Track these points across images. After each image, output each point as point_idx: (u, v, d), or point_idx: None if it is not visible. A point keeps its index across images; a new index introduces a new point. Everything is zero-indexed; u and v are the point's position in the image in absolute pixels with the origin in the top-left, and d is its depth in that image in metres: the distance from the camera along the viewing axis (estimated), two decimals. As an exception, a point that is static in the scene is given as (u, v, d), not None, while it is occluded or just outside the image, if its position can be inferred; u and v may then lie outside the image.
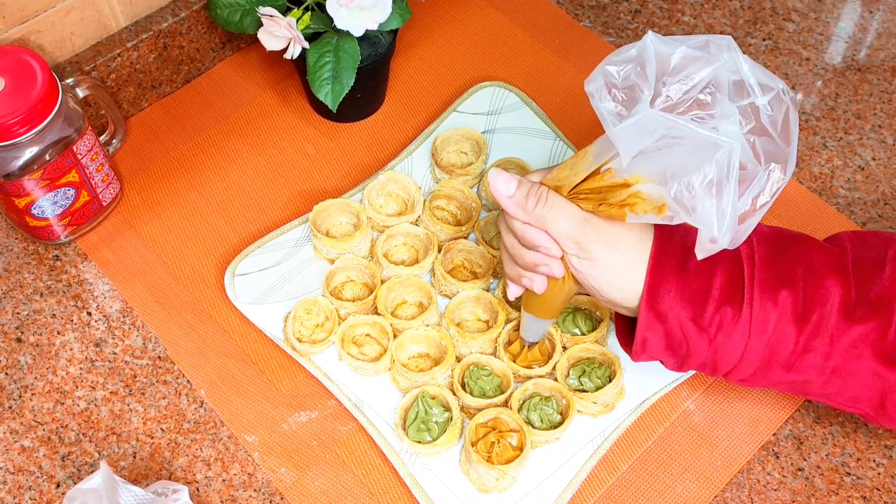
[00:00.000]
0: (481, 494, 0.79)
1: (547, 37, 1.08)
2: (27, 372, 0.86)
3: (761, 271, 0.71)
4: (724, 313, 0.70)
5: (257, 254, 0.91)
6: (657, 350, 0.74)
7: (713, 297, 0.70)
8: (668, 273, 0.71)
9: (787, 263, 0.71)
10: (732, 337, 0.71)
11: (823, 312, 0.70)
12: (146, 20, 0.98)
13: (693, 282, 0.71)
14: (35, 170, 0.84)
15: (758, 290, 0.70)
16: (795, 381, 0.73)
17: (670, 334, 0.72)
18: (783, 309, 0.70)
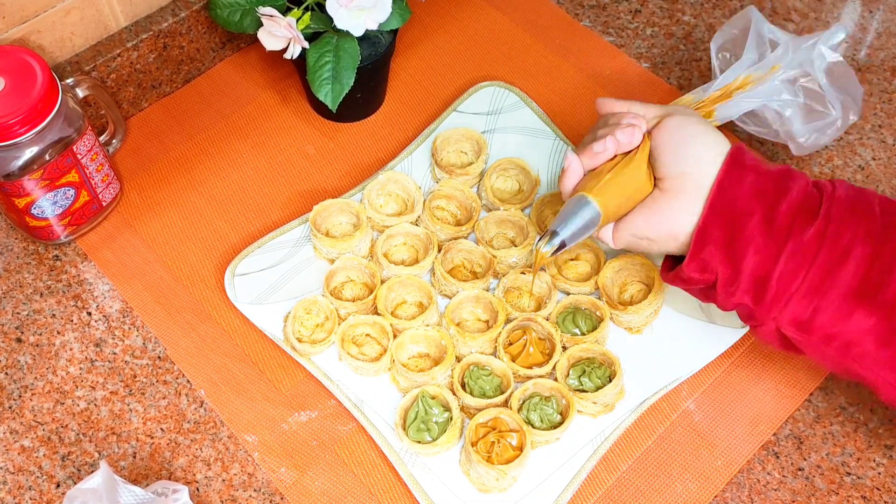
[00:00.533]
0: (481, 494, 0.79)
1: (547, 37, 1.08)
2: (27, 372, 0.86)
3: (844, 191, 0.68)
4: (797, 219, 0.67)
5: (257, 254, 0.91)
6: (715, 248, 0.69)
7: (789, 199, 0.67)
8: (747, 166, 0.69)
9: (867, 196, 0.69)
10: (803, 249, 0.66)
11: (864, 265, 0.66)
12: (146, 20, 0.98)
13: (770, 182, 0.68)
14: (35, 170, 0.84)
15: (836, 207, 0.67)
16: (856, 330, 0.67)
17: (736, 227, 0.68)
18: (859, 232, 0.66)
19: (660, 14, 1.10)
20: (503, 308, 0.85)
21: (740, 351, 0.86)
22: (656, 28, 1.09)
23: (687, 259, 0.71)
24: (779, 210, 0.67)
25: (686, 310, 0.87)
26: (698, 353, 0.85)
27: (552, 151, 0.98)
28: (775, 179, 0.69)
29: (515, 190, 0.95)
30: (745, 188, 0.68)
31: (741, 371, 0.85)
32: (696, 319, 0.87)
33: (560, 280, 0.87)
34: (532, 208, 0.92)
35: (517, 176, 0.95)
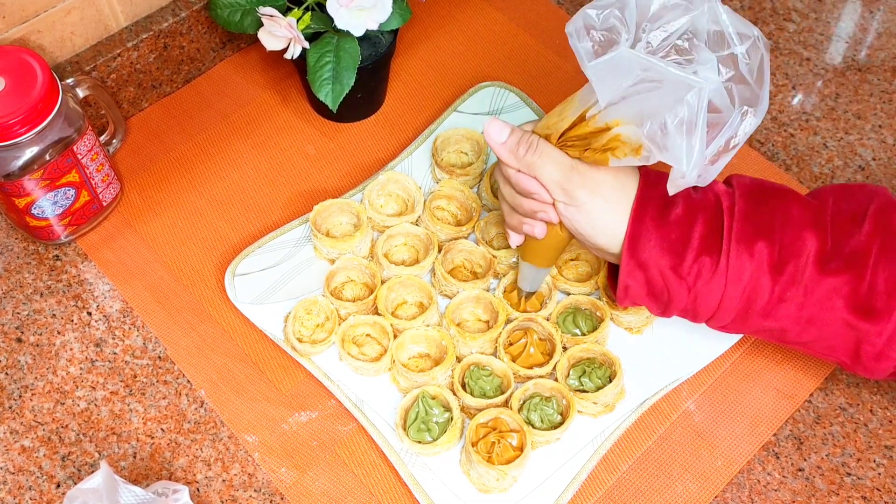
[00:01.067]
0: (482, 494, 0.79)
1: (547, 37, 1.08)
2: (27, 372, 0.86)
3: (739, 223, 0.73)
4: (702, 263, 0.73)
5: (257, 254, 0.91)
6: (639, 296, 0.76)
7: (692, 246, 0.73)
8: (649, 222, 0.73)
9: (766, 215, 0.73)
10: (710, 285, 0.73)
11: (798, 264, 0.72)
12: (146, 20, 0.98)
13: (673, 231, 0.73)
14: (35, 170, 0.84)
15: (735, 242, 0.72)
16: (773, 328, 0.75)
17: (651, 282, 0.74)
18: (759, 260, 0.72)
19: (660, 14, 1.10)
20: (503, 308, 0.85)
21: (740, 351, 0.86)
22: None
23: (618, 300, 0.78)
24: (685, 259, 0.73)
25: (686, 310, 0.88)
26: (698, 354, 0.85)
27: (552, 151, 0.98)
28: (677, 229, 0.73)
29: (515, 190, 0.95)
30: (651, 249, 0.73)
31: (741, 371, 0.85)
32: (697, 320, 0.87)
33: (560, 280, 0.87)
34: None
35: (517, 176, 0.95)
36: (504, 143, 0.76)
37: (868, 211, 0.74)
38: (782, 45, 1.07)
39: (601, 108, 0.69)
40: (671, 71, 0.65)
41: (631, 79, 0.66)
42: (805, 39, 1.07)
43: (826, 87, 1.04)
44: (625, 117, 0.69)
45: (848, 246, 0.72)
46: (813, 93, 1.04)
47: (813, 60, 1.06)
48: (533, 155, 0.74)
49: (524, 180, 0.76)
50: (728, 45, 0.67)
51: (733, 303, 0.74)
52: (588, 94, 0.72)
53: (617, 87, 0.67)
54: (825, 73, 1.05)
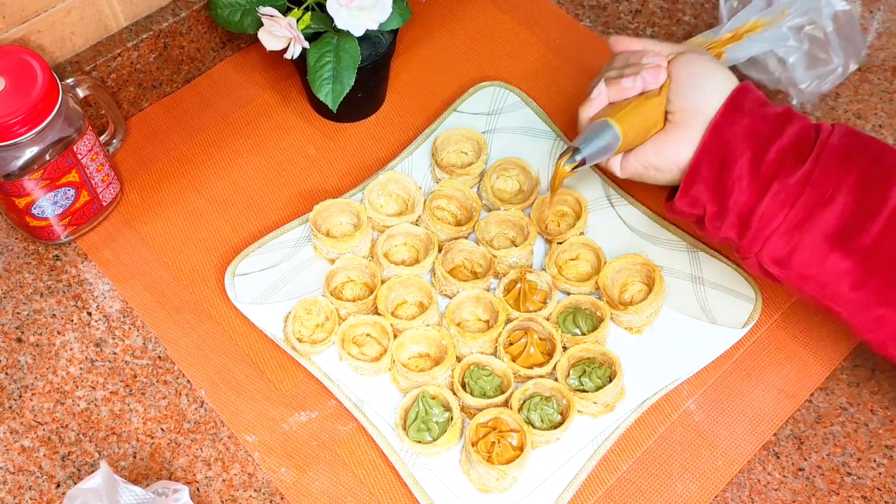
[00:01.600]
0: (482, 494, 0.79)
1: (547, 37, 1.08)
2: (27, 372, 0.86)
3: (838, 137, 0.71)
4: (785, 161, 0.70)
5: (257, 254, 0.91)
6: (705, 186, 0.73)
7: (781, 142, 0.71)
8: (747, 105, 0.72)
9: (863, 145, 0.71)
10: (786, 191, 0.70)
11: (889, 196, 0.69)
12: (146, 20, 0.98)
13: (766, 124, 0.72)
14: (35, 170, 0.84)
15: (828, 151, 0.70)
16: (832, 270, 0.70)
17: (725, 168, 0.72)
18: (846, 177, 0.69)
19: (660, 14, 1.10)
20: (504, 308, 0.85)
21: (740, 351, 0.86)
22: (656, 28, 1.09)
23: (679, 193, 0.76)
24: (769, 152, 0.71)
25: (686, 310, 0.87)
26: (698, 353, 0.85)
27: (552, 151, 0.98)
28: (771, 122, 0.72)
29: (515, 190, 0.95)
30: (738, 129, 0.72)
31: (741, 371, 0.85)
32: (696, 319, 0.87)
33: (560, 280, 0.87)
34: (532, 208, 0.92)
35: (517, 176, 0.95)
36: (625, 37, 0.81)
37: None
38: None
39: None
40: None
41: None
42: (805, 39, 1.07)
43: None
44: None
45: None
46: (813, 93, 1.03)
47: (813, 60, 1.06)
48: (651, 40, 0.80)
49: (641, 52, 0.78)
50: None
51: (802, 215, 0.69)
52: None
53: None
54: (825, 72, 1.05)
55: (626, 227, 0.92)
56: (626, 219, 0.93)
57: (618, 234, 0.92)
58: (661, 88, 0.78)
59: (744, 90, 0.75)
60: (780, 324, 0.88)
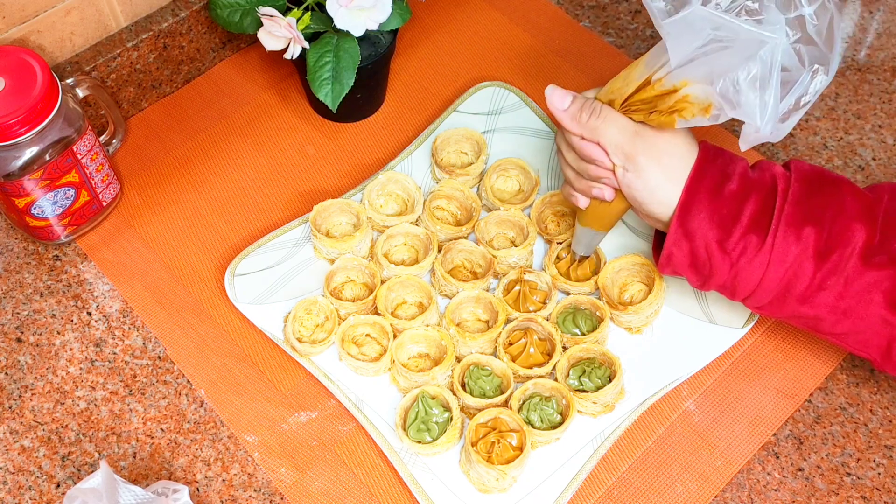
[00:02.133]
0: (481, 494, 0.79)
1: (547, 37, 1.08)
2: (27, 372, 0.86)
3: (791, 206, 0.73)
4: (748, 240, 0.73)
5: (257, 254, 0.91)
6: (682, 266, 0.78)
7: (741, 223, 0.74)
8: (702, 194, 0.74)
9: (819, 202, 0.74)
10: (753, 264, 0.74)
11: (843, 254, 0.73)
12: (146, 20, 0.98)
13: (725, 206, 0.74)
14: (35, 170, 0.84)
15: (784, 224, 0.73)
16: (808, 315, 0.76)
17: (696, 253, 0.76)
18: (805, 244, 0.73)
19: (660, 14, 1.10)
20: (503, 308, 0.85)
21: (740, 351, 0.86)
22: (656, 28, 1.09)
23: (658, 267, 0.80)
24: (733, 234, 0.74)
25: (686, 310, 0.87)
26: (698, 353, 0.85)
27: (552, 151, 0.98)
28: (728, 203, 0.74)
29: (515, 190, 0.95)
30: (700, 220, 0.75)
31: (741, 371, 0.85)
32: (696, 319, 0.87)
33: (560, 280, 0.87)
34: (532, 208, 0.92)
35: (517, 176, 0.95)
36: (566, 111, 0.77)
37: None
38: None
39: (672, 68, 0.70)
40: (744, 28, 0.65)
41: (703, 38, 0.67)
42: (805, 39, 1.07)
43: (826, 87, 1.04)
44: (694, 77, 0.70)
45: (895, 243, 0.73)
46: (813, 93, 1.03)
47: (813, 60, 1.06)
48: (596, 120, 0.76)
49: (587, 147, 0.77)
50: (796, 7, 0.68)
51: (773, 284, 0.74)
52: (653, 59, 0.73)
53: (689, 46, 0.68)
54: (825, 73, 1.05)
55: (626, 227, 0.92)
56: (625, 219, 0.93)
57: (618, 234, 0.92)
58: None
59: (696, 181, 0.75)
60: (780, 324, 0.88)
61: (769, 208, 0.74)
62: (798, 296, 0.74)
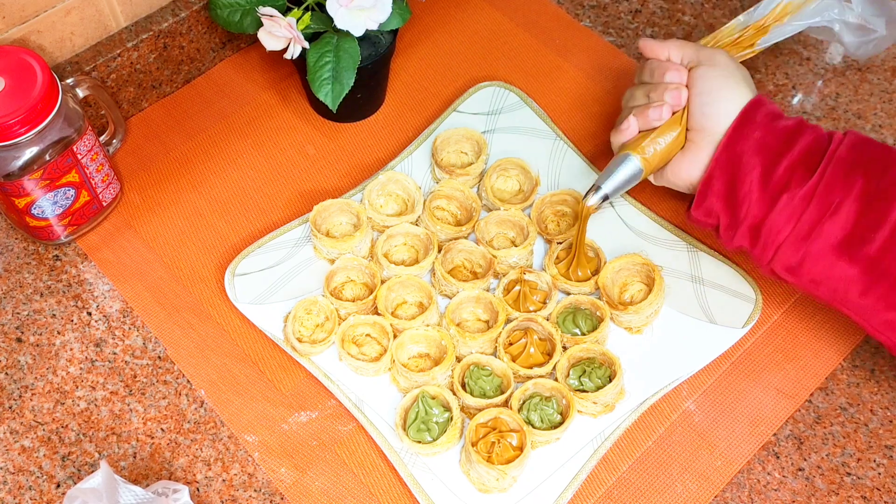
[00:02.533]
0: (481, 494, 0.79)
1: (547, 37, 1.08)
2: (27, 372, 0.86)
3: (845, 150, 0.72)
4: (794, 174, 0.73)
5: (257, 254, 0.91)
6: (718, 197, 0.77)
7: (790, 156, 0.73)
8: (757, 121, 0.75)
9: (871, 157, 0.73)
10: (793, 202, 0.73)
11: (892, 207, 0.71)
12: (146, 20, 0.98)
13: (777, 138, 0.74)
14: (35, 170, 0.84)
15: (834, 165, 0.72)
16: (840, 276, 0.73)
17: (737, 181, 0.75)
18: (851, 190, 0.71)
19: (660, 14, 1.10)
20: (503, 308, 0.85)
21: (740, 351, 0.86)
22: (656, 28, 1.09)
23: (693, 204, 0.80)
24: (778, 166, 0.73)
25: (686, 310, 0.87)
26: (698, 353, 0.85)
27: (552, 151, 0.98)
28: (781, 135, 0.75)
29: (515, 190, 0.95)
30: (749, 144, 0.75)
31: (741, 371, 0.85)
32: (696, 319, 0.87)
33: (560, 280, 0.87)
34: (532, 208, 0.92)
35: (517, 176, 0.95)
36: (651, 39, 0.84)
37: None
38: (782, 44, 1.07)
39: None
40: None
41: None
42: (805, 39, 1.07)
43: (826, 87, 1.04)
44: None
45: None
46: (813, 92, 1.03)
47: (813, 60, 1.06)
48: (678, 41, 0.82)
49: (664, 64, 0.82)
50: None
51: (809, 226, 0.72)
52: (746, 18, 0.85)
53: None
54: (825, 72, 1.05)
55: (626, 227, 0.92)
56: (625, 219, 0.93)
57: (618, 234, 0.92)
58: (683, 109, 0.81)
59: (756, 104, 0.77)
60: (780, 324, 0.88)
61: (821, 150, 0.73)
62: (836, 244, 0.72)
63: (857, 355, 0.86)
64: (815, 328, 0.87)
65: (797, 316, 0.88)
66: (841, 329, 0.87)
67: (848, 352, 0.86)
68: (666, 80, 0.81)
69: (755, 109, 0.77)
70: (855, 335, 0.87)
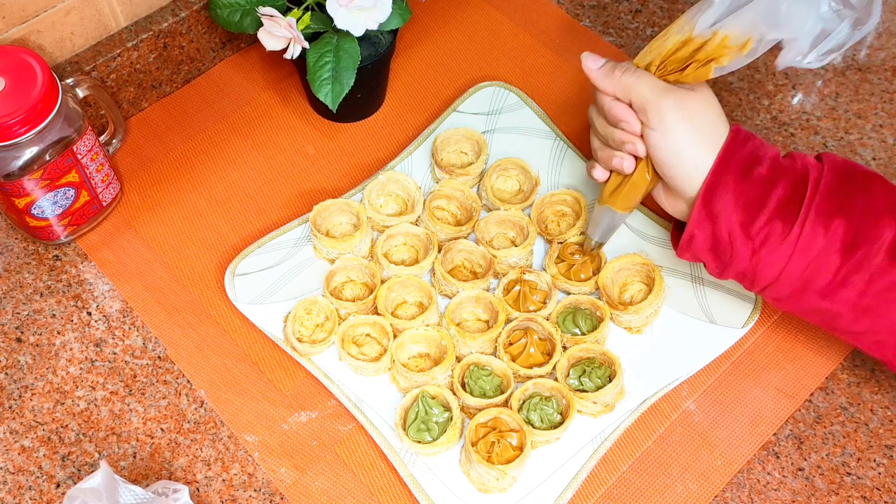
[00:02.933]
0: (481, 494, 0.79)
1: (547, 37, 1.08)
2: (27, 372, 0.86)
3: (823, 196, 0.72)
4: (773, 227, 0.72)
5: (257, 254, 0.91)
6: (702, 249, 0.77)
7: (768, 208, 0.73)
8: (730, 175, 0.73)
9: (850, 194, 0.73)
10: (776, 253, 0.73)
11: (871, 250, 0.71)
12: (146, 20, 0.98)
13: (752, 189, 0.73)
14: (35, 170, 0.84)
15: (813, 213, 0.72)
16: (827, 311, 0.75)
17: (718, 236, 0.75)
18: (832, 237, 0.71)
19: (660, 14, 1.10)
20: (503, 308, 0.85)
21: (740, 351, 0.86)
22: (656, 28, 1.09)
23: (678, 251, 0.79)
24: (757, 220, 0.73)
25: (686, 310, 0.87)
26: (698, 353, 0.85)
27: (552, 151, 0.98)
28: (757, 187, 0.73)
29: (515, 190, 0.95)
30: (727, 200, 0.74)
31: (741, 371, 0.85)
32: (696, 319, 0.87)
33: (560, 280, 0.87)
34: (532, 208, 0.92)
35: (517, 176, 0.95)
36: (600, 69, 0.78)
37: None
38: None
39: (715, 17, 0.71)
40: None
41: None
42: (805, 39, 1.07)
43: (826, 87, 1.04)
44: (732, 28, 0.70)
45: None
46: (813, 92, 1.04)
47: (813, 60, 1.06)
48: (629, 76, 0.76)
49: (616, 107, 0.77)
50: None
51: (795, 275, 0.73)
52: (687, 21, 0.74)
53: None
54: (825, 72, 1.05)
55: (626, 227, 0.92)
56: (625, 219, 0.93)
57: (618, 234, 0.92)
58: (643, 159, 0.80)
59: (726, 156, 0.74)
60: (780, 324, 0.88)
61: (799, 196, 0.73)
62: (820, 290, 0.73)
63: (857, 355, 0.86)
64: (815, 328, 0.87)
65: (797, 316, 0.88)
66: (841, 329, 0.87)
67: (848, 352, 0.86)
68: (618, 139, 0.78)
69: (725, 166, 0.74)
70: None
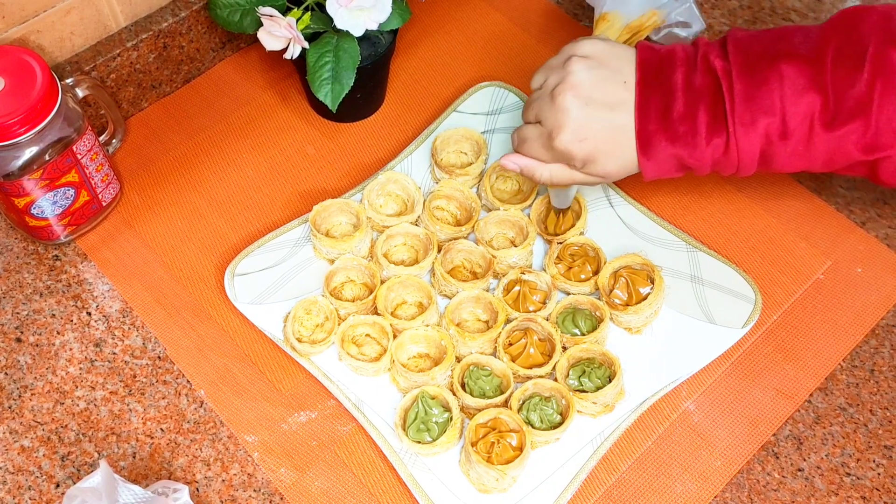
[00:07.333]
0: (481, 495, 0.79)
1: (547, 37, 1.08)
2: (27, 372, 0.86)
3: (740, 105, 0.77)
4: (715, 145, 0.79)
5: (257, 254, 0.91)
6: (665, 174, 0.83)
7: (701, 134, 0.79)
8: (653, 125, 0.79)
9: (764, 91, 0.77)
10: (727, 158, 0.80)
11: (803, 129, 0.78)
12: (146, 20, 0.98)
13: (680, 126, 0.79)
14: (35, 170, 0.84)
15: (738, 125, 0.78)
16: (796, 172, 0.87)
17: (672, 168, 0.82)
18: (767, 132, 0.78)
19: (660, 14, 1.10)
20: (503, 308, 0.85)
21: (740, 351, 0.86)
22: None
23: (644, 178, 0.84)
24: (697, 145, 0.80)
25: (686, 310, 0.88)
26: (698, 353, 0.85)
27: (552, 151, 0.98)
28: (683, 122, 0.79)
29: (515, 190, 0.95)
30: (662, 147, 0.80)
31: (741, 371, 0.86)
32: (696, 319, 0.87)
33: (560, 280, 0.87)
34: (532, 208, 0.92)
35: (517, 176, 0.95)
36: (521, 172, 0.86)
37: (868, 53, 0.76)
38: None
39: None
40: None
41: None
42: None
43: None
44: None
45: (850, 97, 0.76)
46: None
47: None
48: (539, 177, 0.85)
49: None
50: None
51: (752, 163, 0.80)
52: None
53: None
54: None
55: (625, 227, 0.92)
56: (625, 219, 0.93)
57: (618, 234, 0.92)
58: None
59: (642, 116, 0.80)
60: (780, 324, 0.88)
61: (721, 112, 0.78)
62: (780, 166, 0.80)
63: (857, 355, 0.86)
64: (815, 328, 0.87)
65: (797, 316, 0.88)
66: (841, 329, 0.87)
67: (847, 352, 0.86)
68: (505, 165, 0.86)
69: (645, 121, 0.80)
70: (855, 335, 0.87)
